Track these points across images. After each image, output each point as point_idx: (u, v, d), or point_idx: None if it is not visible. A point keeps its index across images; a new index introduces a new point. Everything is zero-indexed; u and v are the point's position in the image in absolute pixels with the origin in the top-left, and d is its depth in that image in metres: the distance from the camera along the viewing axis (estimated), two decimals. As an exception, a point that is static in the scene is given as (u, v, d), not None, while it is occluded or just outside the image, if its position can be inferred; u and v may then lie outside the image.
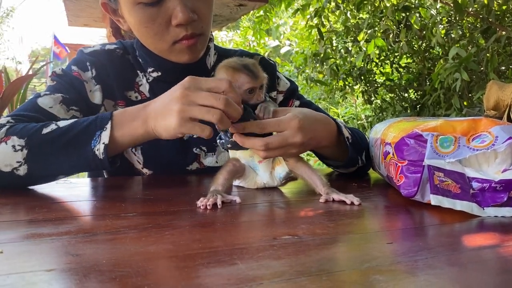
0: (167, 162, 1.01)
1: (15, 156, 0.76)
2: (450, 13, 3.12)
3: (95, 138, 0.76)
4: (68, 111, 0.91)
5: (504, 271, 0.45)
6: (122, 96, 1.01)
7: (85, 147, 0.76)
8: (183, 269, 0.42)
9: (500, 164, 0.69)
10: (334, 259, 0.47)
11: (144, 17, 0.90)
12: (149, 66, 1.02)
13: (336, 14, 3.64)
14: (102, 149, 0.75)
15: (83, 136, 0.76)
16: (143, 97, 1.02)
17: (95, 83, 0.98)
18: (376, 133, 0.95)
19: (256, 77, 0.76)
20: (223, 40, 7.03)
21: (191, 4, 0.90)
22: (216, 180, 0.75)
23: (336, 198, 0.73)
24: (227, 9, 2.76)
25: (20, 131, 0.77)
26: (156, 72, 1.02)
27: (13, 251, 0.46)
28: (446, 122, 0.74)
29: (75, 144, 0.76)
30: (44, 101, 0.89)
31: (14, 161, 0.76)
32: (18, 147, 0.76)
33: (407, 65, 3.89)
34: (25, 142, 0.76)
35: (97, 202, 0.73)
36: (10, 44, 19.35)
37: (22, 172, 0.76)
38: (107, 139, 0.75)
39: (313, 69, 3.86)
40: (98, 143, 0.75)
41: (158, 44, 0.95)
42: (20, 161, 0.76)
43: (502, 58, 2.79)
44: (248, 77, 0.75)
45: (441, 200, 0.67)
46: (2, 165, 0.76)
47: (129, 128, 0.77)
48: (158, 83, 1.03)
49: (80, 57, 1.01)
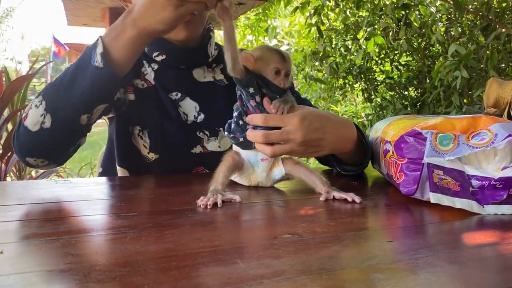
0: (173, 145, 1.04)
1: (38, 111, 0.84)
2: (449, 11, 3.12)
3: (92, 56, 0.81)
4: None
5: (504, 269, 0.45)
6: (131, 83, 1.06)
7: (87, 67, 0.82)
8: (183, 269, 0.42)
9: (500, 162, 0.69)
10: (334, 257, 0.47)
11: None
12: (154, 50, 1.07)
13: (335, 12, 3.64)
14: (100, 59, 0.80)
15: (84, 61, 0.83)
16: (148, 85, 1.08)
17: None
18: (376, 131, 0.95)
19: (285, 60, 0.77)
20: (222, 39, 7.02)
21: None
22: (216, 178, 0.75)
23: (337, 196, 0.73)
24: (226, 7, 2.76)
25: (39, 92, 0.86)
26: (161, 56, 1.07)
27: (13, 252, 0.46)
28: (446, 120, 0.74)
29: (78, 71, 0.83)
30: None
31: (39, 116, 0.84)
32: (38, 103, 0.84)
33: (407, 63, 3.88)
34: (42, 96, 0.85)
35: (97, 201, 0.73)
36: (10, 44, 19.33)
37: (48, 123, 0.84)
38: (101, 48, 0.80)
39: (312, 68, 3.86)
40: (95, 56, 0.80)
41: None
42: (42, 113, 0.83)
43: (502, 56, 2.78)
44: (278, 57, 0.77)
45: (441, 198, 0.67)
46: (32, 126, 0.84)
47: (121, 37, 0.81)
48: (163, 70, 1.08)
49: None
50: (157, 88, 1.07)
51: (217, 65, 1.15)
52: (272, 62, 0.76)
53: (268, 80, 0.76)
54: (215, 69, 1.14)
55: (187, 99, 1.09)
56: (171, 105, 1.07)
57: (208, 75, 1.12)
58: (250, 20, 4.94)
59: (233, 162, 0.79)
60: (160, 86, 1.08)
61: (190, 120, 1.07)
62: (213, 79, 1.13)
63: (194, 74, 1.11)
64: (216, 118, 1.08)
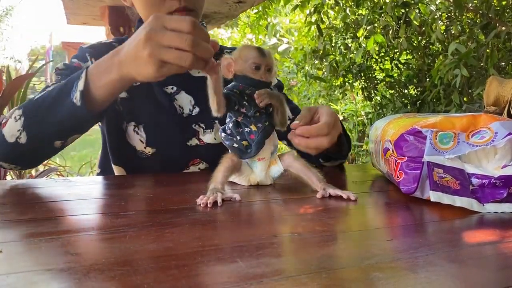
0: (169, 138, 1.06)
1: (16, 125, 0.84)
2: (449, 9, 3.11)
3: (73, 88, 0.80)
4: None
5: (504, 267, 0.45)
6: None
7: (66, 99, 0.81)
8: (182, 268, 0.42)
9: (500, 160, 0.69)
10: (334, 256, 0.47)
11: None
12: None
13: (335, 10, 3.63)
14: (79, 97, 0.79)
15: (65, 90, 0.82)
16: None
17: None
18: (376, 129, 0.95)
19: (263, 55, 0.77)
20: (222, 38, 7.01)
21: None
22: (215, 178, 0.75)
23: (333, 193, 0.73)
24: (226, 6, 2.76)
25: (22, 105, 0.86)
26: None
27: (12, 251, 0.46)
28: (446, 118, 0.74)
29: (58, 99, 0.82)
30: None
31: (15, 130, 0.84)
32: (18, 116, 0.84)
33: (406, 61, 3.87)
34: (22, 111, 0.85)
35: (97, 200, 0.72)
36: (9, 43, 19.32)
37: (23, 139, 0.84)
38: (82, 86, 0.79)
39: (312, 66, 3.85)
40: (75, 91, 0.80)
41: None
42: (19, 129, 0.84)
43: (502, 54, 2.78)
44: (256, 53, 0.77)
45: (441, 197, 0.67)
46: (9, 136, 0.85)
47: (105, 76, 0.80)
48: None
49: (79, 52, 1.10)
50: (151, 83, 1.08)
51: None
52: (250, 58, 0.77)
53: (252, 79, 0.77)
54: None
55: (182, 92, 1.11)
56: (166, 99, 1.09)
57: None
58: (250, 18, 4.93)
59: (232, 163, 0.79)
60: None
61: (185, 113, 1.10)
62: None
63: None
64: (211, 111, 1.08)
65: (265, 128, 0.78)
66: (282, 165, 0.81)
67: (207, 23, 3.10)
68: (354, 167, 1.63)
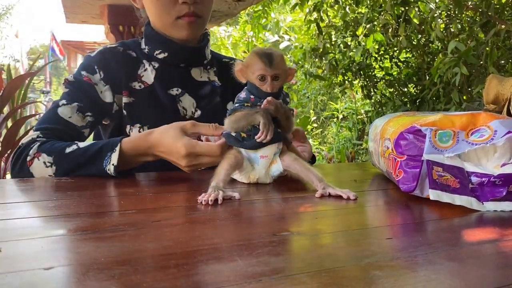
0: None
1: (47, 170, 0.93)
2: (449, 7, 3.11)
3: (106, 158, 0.89)
4: (84, 118, 1.06)
5: (503, 266, 0.45)
6: (127, 86, 1.12)
7: (100, 164, 0.89)
8: (182, 266, 0.42)
9: (499, 158, 0.69)
10: (333, 255, 0.47)
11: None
12: (156, 48, 1.15)
13: (335, 8, 3.63)
14: (113, 170, 0.88)
15: (98, 155, 0.90)
16: (145, 85, 1.13)
17: (104, 84, 1.10)
18: (375, 128, 0.95)
19: (269, 66, 0.78)
20: (221, 36, 7.00)
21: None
22: (218, 175, 0.75)
23: (332, 192, 0.73)
24: (225, 4, 2.76)
25: (48, 149, 0.94)
26: (163, 53, 1.14)
27: (11, 250, 0.46)
28: (445, 116, 0.74)
29: (91, 162, 0.90)
30: (64, 111, 1.04)
31: (46, 174, 0.93)
32: (48, 163, 0.92)
33: (406, 59, 3.87)
34: (53, 160, 0.92)
35: (96, 199, 0.72)
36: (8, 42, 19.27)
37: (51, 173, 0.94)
38: (116, 161, 0.88)
39: (311, 64, 3.85)
40: (109, 164, 0.88)
41: (164, 17, 1.11)
42: (51, 175, 0.92)
43: (501, 52, 2.78)
44: (261, 64, 0.78)
45: (440, 195, 0.67)
46: (37, 174, 0.93)
47: (140, 158, 0.92)
48: (163, 68, 1.15)
49: (87, 62, 1.13)
50: (154, 86, 1.14)
51: (211, 67, 1.23)
52: (257, 70, 0.79)
53: (259, 90, 0.80)
54: (210, 70, 1.22)
55: (186, 95, 1.15)
56: (171, 101, 1.13)
57: (204, 75, 1.20)
58: (252, 16, 4.92)
59: (235, 159, 0.79)
60: (160, 83, 1.14)
61: (188, 115, 1.14)
62: (208, 79, 1.21)
63: (192, 73, 1.18)
64: (212, 114, 1.14)
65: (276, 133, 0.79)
66: (282, 165, 0.81)
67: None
68: (353, 165, 1.63)
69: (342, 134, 5.20)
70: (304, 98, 5.83)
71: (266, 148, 0.80)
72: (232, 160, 0.79)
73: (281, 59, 0.80)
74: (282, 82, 0.81)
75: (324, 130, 5.82)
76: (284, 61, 0.81)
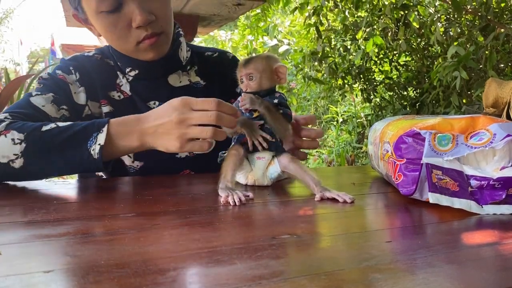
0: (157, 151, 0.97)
1: (13, 148, 0.79)
2: (448, 11, 3.12)
3: (91, 138, 0.80)
4: (58, 110, 0.98)
5: (503, 269, 0.45)
6: (105, 96, 1.07)
7: (81, 145, 0.80)
8: (181, 270, 0.42)
9: (499, 162, 0.69)
10: (333, 258, 0.47)
11: (108, 23, 0.98)
12: (126, 66, 1.08)
13: (334, 12, 3.64)
14: (98, 150, 0.79)
15: (81, 135, 0.81)
16: (125, 95, 1.09)
17: (79, 85, 1.05)
18: (375, 131, 0.95)
19: (243, 66, 0.81)
20: (221, 39, 7.02)
21: (148, 6, 0.97)
22: (225, 175, 0.75)
23: (329, 195, 0.73)
24: (225, 8, 2.76)
25: (21, 127, 0.82)
26: (134, 71, 1.08)
27: (11, 253, 0.46)
28: (444, 120, 0.74)
29: (72, 142, 0.81)
30: (37, 100, 0.95)
31: (11, 153, 0.79)
32: (17, 140, 0.80)
33: (406, 63, 3.88)
34: (24, 137, 0.80)
35: (96, 202, 0.72)
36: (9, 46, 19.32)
37: (17, 165, 0.80)
38: (103, 141, 0.80)
39: (311, 68, 3.86)
40: (94, 144, 0.80)
41: (124, 46, 1.03)
42: (17, 154, 0.79)
43: (501, 56, 2.78)
44: (240, 65, 0.82)
45: (439, 198, 0.67)
46: (0, 155, 0.80)
47: (124, 139, 0.82)
48: (138, 81, 1.09)
49: (63, 64, 1.08)
50: (133, 98, 1.08)
51: (192, 67, 1.16)
52: (238, 72, 0.83)
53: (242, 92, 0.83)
54: (190, 71, 1.15)
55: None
56: None
57: (183, 79, 1.13)
58: (251, 20, 4.94)
59: (238, 156, 0.79)
60: (137, 96, 1.08)
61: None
62: (189, 82, 1.14)
63: (170, 80, 1.11)
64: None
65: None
66: (280, 166, 0.81)
67: (206, 25, 3.10)
68: (353, 168, 1.63)
69: (342, 138, 5.21)
70: (304, 101, 5.84)
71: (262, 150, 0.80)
72: (236, 157, 0.79)
73: (261, 59, 0.82)
74: (260, 81, 0.81)
75: (324, 133, 5.82)
76: (267, 62, 0.82)
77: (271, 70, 0.82)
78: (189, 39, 2.85)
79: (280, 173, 0.82)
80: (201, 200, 0.74)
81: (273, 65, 0.82)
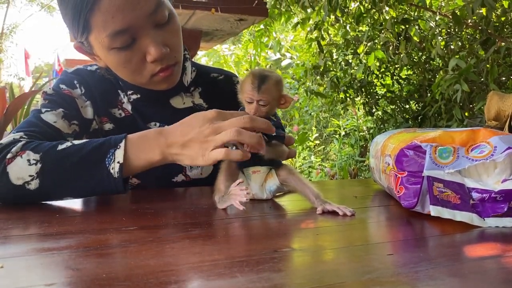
0: (153, 174, 0.94)
1: (29, 169, 0.76)
2: (449, 25, 3.14)
3: (109, 156, 0.77)
4: (70, 125, 0.95)
5: (505, 282, 0.45)
6: (106, 113, 1.05)
7: (99, 165, 0.76)
8: (182, 283, 0.42)
9: (500, 174, 0.69)
10: (334, 270, 0.47)
11: (121, 59, 0.92)
12: (128, 89, 1.05)
13: (335, 27, 3.67)
14: (117, 168, 0.76)
15: (97, 153, 0.77)
16: (126, 113, 1.06)
17: (85, 99, 1.02)
18: (376, 144, 0.95)
19: (257, 90, 0.76)
20: (225, 54, 7.07)
21: (161, 38, 0.92)
22: (219, 189, 0.75)
23: (330, 208, 0.73)
24: (227, 23, 2.79)
25: (36, 147, 0.79)
26: (136, 95, 1.05)
27: (13, 266, 0.46)
28: (445, 132, 0.75)
29: (89, 161, 0.77)
30: (48, 117, 0.93)
31: (27, 175, 0.76)
32: (33, 161, 0.77)
33: (407, 76, 3.90)
34: (40, 157, 0.77)
35: (98, 216, 0.73)
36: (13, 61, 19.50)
37: (33, 186, 0.76)
38: (122, 158, 0.76)
39: (313, 82, 3.88)
40: (113, 162, 0.76)
41: (137, 79, 0.98)
42: (32, 175, 0.76)
43: (502, 69, 2.80)
44: (250, 86, 0.77)
45: (441, 211, 0.67)
46: (15, 178, 0.76)
47: (146, 154, 0.78)
48: (139, 102, 1.06)
49: (66, 77, 1.05)
50: (135, 117, 1.06)
51: (195, 89, 1.12)
52: (245, 92, 0.78)
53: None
54: (194, 93, 1.12)
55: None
56: None
57: (187, 101, 1.10)
58: (254, 35, 4.98)
59: (229, 170, 0.79)
60: (138, 116, 1.06)
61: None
62: (193, 104, 1.10)
63: (172, 102, 1.08)
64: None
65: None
66: (279, 179, 0.81)
67: (209, 40, 3.13)
68: (356, 182, 1.63)
69: (344, 151, 5.21)
70: (306, 115, 5.86)
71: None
72: (227, 171, 0.78)
73: (274, 85, 0.77)
74: (270, 108, 0.79)
75: (326, 147, 5.83)
76: (278, 87, 0.78)
77: (279, 96, 0.80)
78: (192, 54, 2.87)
79: (279, 186, 0.81)
80: (202, 213, 0.74)
81: (281, 91, 0.80)
